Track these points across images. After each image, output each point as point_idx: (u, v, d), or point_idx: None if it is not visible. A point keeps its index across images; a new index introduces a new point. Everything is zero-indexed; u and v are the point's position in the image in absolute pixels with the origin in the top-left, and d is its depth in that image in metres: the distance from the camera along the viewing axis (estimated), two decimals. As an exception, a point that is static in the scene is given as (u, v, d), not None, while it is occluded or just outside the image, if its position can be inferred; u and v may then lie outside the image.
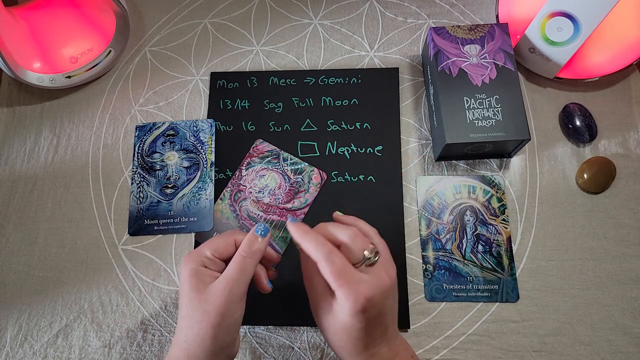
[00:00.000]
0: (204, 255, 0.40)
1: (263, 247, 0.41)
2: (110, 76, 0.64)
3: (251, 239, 0.41)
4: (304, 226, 0.40)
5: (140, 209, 0.57)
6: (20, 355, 0.52)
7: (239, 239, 0.42)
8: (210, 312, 0.37)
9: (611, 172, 0.54)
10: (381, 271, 0.38)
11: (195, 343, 0.38)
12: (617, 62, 0.56)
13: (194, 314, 0.38)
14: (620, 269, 0.52)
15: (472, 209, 0.55)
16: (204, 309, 0.37)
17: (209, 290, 0.38)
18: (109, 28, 0.61)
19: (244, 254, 0.40)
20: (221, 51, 0.64)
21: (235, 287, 0.38)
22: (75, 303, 0.54)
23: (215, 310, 0.37)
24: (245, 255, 0.40)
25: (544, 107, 0.59)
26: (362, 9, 0.66)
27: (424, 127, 0.59)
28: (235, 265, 0.39)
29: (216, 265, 0.41)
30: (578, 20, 0.53)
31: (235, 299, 0.38)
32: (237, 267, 0.39)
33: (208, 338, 0.37)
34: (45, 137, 0.61)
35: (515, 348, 0.50)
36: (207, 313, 0.37)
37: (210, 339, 0.37)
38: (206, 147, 0.59)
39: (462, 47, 0.55)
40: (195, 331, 0.37)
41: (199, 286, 0.38)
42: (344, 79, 0.61)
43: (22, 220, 0.57)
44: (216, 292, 0.38)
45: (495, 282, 0.52)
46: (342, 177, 0.57)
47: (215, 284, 0.39)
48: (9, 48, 0.55)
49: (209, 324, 0.37)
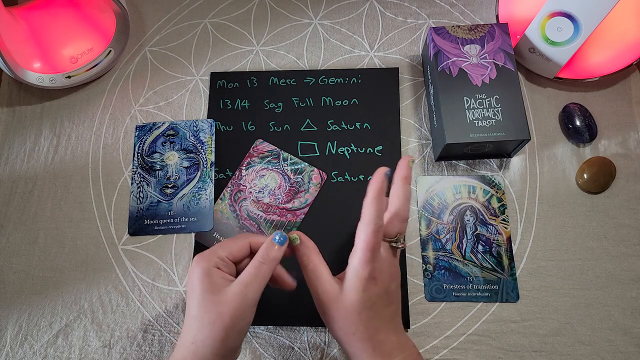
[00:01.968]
0: (217, 256, 0.40)
1: (280, 255, 0.41)
2: (110, 76, 0.64)
3: (269, 246, 0.41)
4: (380, 190, 0.40)
5: (140, 209, 0.57)
6: (20, 355, 0.52)
7: (254, 242, 0.42)
8: (224, 315, 0.37)
9: (611, 172, 0.54)
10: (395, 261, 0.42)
11: (205, 344, 0.37)
12: (617, 62, 0.56)
13: (206, 315, 0.38)
14: (620, 269, 0.52)
15: (472, 209, 0.55)
16: (217, 310, 0.37)
17: (224, 292, 0.38)
18: (109, 28, 0.61)
19: (262, 260, 0.40)
20: (221, 51, 0.64)
21: (251, 292, 0.39)
22: (75, 303, 0.54)
23: (229, 313, 0.37)
24: (262, 262, 0.40)
25: (544, 107, 0.59)
26: (362, 9, 0.66)
27: (424, 127, 0.59)
28: (253, 270, 0.39)
29: (229, 267, 0.41)
30: (578, 20, 0.53)
31: (250, 303, 0.38)
32: (254, 271, 0.39)
33: (219, 340, 0.37)
34: (45, 137, 0.61)
35: (515, 348, 0.50)
36: (221, 315, 0.37)
37: (221, 341, 0.37)
38: (206, 147, 0.59)
39: (462, 47, 0.55)
40: (206, 333, 0.37)
41: (212, 287, 0.38)
42: (344, 79, 0.61)
43: (22, 220, 0.57)
44: (232, 295, 0.38)
45: (495, 282, 0.52)
46: (342, 177, 0.57)
47: (231, 287, 0.39)
48: (9, 48, 0.55)
49: (222, 326, 0.37)
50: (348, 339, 0.39)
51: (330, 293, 0.40)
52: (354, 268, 0.39)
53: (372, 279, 0.39)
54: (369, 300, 0.39)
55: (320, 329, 0.52)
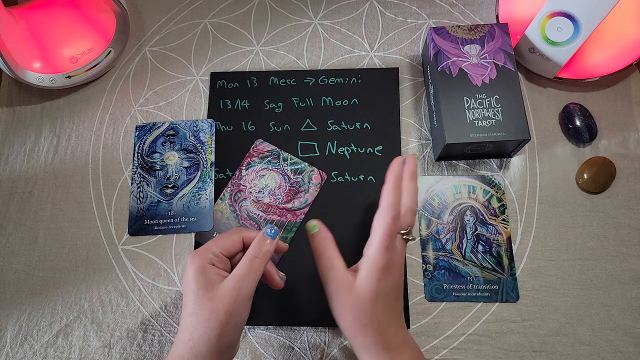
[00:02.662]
0: (212, 252, 0.40)
1: (272, 249, 0.41)
2: (110, 76, 0.64)
3: (261, 240, 0.41)
4: (399, 178, 0.43)
5: (140, 209, 0.57)
6: (20, 355, 0.52)
7: (247, 236, 0.42)
8: (219, 311, 0.37)
9: (611, 172, 0.54)
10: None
11: (201, 341, 0.37)
12: (617, 62, 0.56)
13: (202, 312, 0.38)
14: (620, 269, 0.52)
15: (472, 209, 0.55)
16: (212, 306, 0.38)
17: (218, 288, 0.38)
18: (109, 28, 0.61)
19: (254, 254, 0.40)
20: (221, 51, 0.64)
21: (245, 287, 0.39)
22: (75, 303, 0.54)
23: (224, 309, 0.37)
24: (255, 256, 0.40)
25: (544, 107, 0.59)
26: (362, 9, 0.66)
27: (424, 127, 0.59)
28: (246, 264, 0.40)
29: (223, 263, 0.41)
30: (578, 20, 0.53)
31: (244, 298, 0.39)
32: (247, 266, 0.40)
33: (215, 336, 0.37)
34: (45, 137, 0.61)
35: (515, 348, 0.50)
36: (216, 311, 0.37)
37: (217, 337, 0.37)
38: (206, 147, 0.59)
39: (462, 47, 0.55)
40: (202, 329, 0.37)
41: (206, 284, 0.38)
42: (344, 79, 0.61)
43: (22, 220, 0.57)
44: (226, 291, 0.38)
45: (495, 282, 0.52)
46: (342, 177, 0.57)
47: (224, 282, 0.39)
48: (9, 48, 0.55)
49: (217, 322, 0.37)
50: (360, 330, 0.39)
51: (344, 283, 0.40)
52: (372, 257, 0.40)
53: (388, 268, 0.40)
54: (384, 291, 0.39)
55: (320, 329, 0.52)
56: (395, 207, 0.41)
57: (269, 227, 0.42)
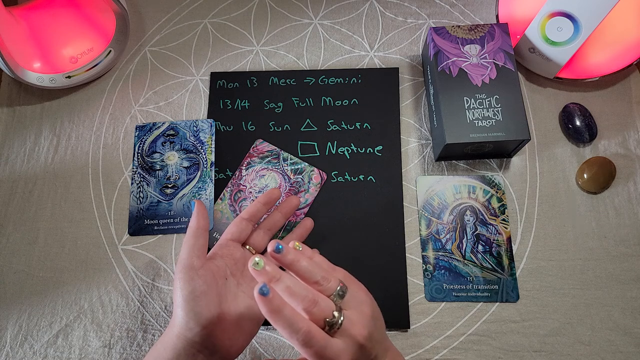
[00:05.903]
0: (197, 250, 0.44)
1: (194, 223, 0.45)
2: (110, 76, 0.64)
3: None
4: (275, 302, 0.31)
5: (140, 209, 0.57)
6: (20, 355, 0.52)
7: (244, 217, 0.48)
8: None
9: (611, 172, 0.54)
10: (353, 329, 0.33)
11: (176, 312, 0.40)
12: (617, 62, 0.56)
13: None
14: (620, 269, 0.52)
15: (472, 209, 0.55)
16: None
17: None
18: (109, 28, 0.61)
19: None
20: (221, 51, 0.64)
21: (182, 252, 0.43)
22: (75, 303, 0.54)
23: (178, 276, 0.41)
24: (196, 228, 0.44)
25: (544, 107, 0.59)
26: (362, 9, 0.66)
27: (424, 127, 0.59)
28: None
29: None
30: (578, 20, 0.53)
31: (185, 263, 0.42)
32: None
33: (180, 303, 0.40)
34: (45, 137, 0.61)
35: (515, 348, 0.50)
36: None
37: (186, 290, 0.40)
38: (206, 147, 0.59)
39: (462, 47, 0.55)
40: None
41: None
42: (344, 79, 0.61)
43: (22, 220, 0.57)
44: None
45: (495, 282, 0.52)
46: (342, 177, 0.57)
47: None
48: (9, 48, 0.55)
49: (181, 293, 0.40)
50: None
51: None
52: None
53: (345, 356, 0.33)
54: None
55: (320, 329, 0.52)
56: (293, 334, 0.31)
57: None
